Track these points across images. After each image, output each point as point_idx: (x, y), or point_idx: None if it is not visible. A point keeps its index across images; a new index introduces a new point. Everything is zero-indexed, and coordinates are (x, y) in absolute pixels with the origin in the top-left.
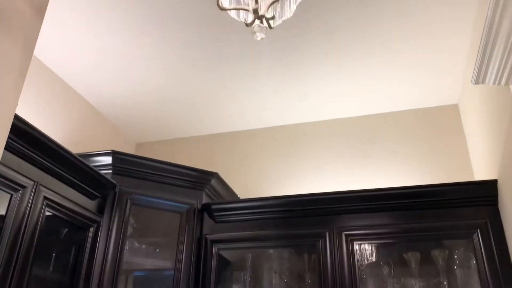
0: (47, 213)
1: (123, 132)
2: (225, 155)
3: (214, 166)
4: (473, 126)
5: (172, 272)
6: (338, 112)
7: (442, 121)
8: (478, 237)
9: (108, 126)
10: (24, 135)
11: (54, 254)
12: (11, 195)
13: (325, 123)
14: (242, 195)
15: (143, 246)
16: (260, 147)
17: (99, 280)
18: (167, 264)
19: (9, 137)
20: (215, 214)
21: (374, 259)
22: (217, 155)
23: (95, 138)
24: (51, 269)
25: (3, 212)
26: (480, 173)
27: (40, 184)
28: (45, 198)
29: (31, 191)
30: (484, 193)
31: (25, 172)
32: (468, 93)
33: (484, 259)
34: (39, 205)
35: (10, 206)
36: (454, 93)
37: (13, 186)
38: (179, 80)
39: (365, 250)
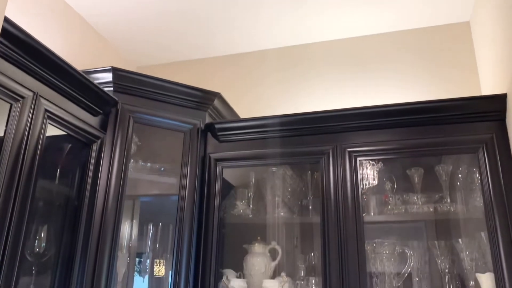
0: (49, 126)
1: (123, 55)
2: (227, 78)
3: (216, 89)
4: (484, 43)
5: (177, 195)
6: (344, 32)
7: (452, 39)
8: (483, 152)
9: (108, 48)
10: (21, 44)
11: (59, 169)
12: (11, 105)
13: (330, 43)
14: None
15: (148, 164)
16: (263, 69)
17: (105, 194)
18: (173, 183)
19: (5, 45)
20: (218, 133)
21: (377, 175)
22: (219, 79)
23: (95, 61)
24: (56, 182)
25: (3, 125)
26: (489, 90)
27: (40, 96)
28: (46, 110)
29: (31, 103)
30: (492, 107)
31: (23, 82)
32: (480, 10)
33: (488, 174)
34: (40, 118)
35: (11, 116)
36: (465, 10)
37: (12, 96)
38: None
39: (368, 167)
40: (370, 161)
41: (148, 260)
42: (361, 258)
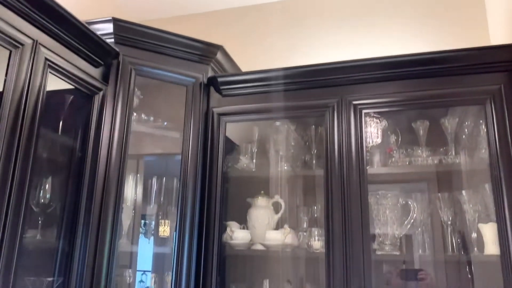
0: (50, 77)
1: (124, 9)
2: (229, 32)
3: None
4: None
5: (181, 151)
6: None
7: None
8: (490, 104)
9: (109, 1)
10: None
11: (61, 121)
12: (10, 52)
13: None
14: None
15: (151, 118)
16: (266, 23)
17: (108, 145)
18: (176, 137)
19: None
20: (221, 87)
21: (381, 133)
22: (221, 33)
23: (96, 15)
24: (59, 133)
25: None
26: (498, 42)
27: (40, 44)
28: (46, 59)
29: (31, 51)
30: (501, 57)
31: (22, 29)
32: None
33: (495, 126)
34: (40, 67)
35: (10, 64)
36: None
37: (11, 42)
38: None
39: (372, 125)
40: (375, 119)
41: (153, 222)
42: (364, 209)
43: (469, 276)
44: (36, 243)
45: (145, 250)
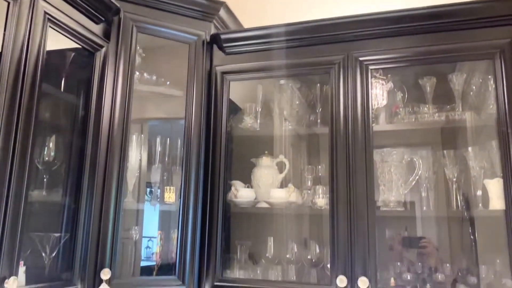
0: (50, 33)
1: None
2: None
3: None
4: None
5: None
6: None
7: None
8: (500, 58)
9: None
10: None
11: (63, 78)
12: (8, 4)
13: None
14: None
15: (153, 77)
16: None
17: (112, 103)
18: (179, 96)
19: None
20: (224, 45)
21: (387, 95)
22: None
23: None
24: (62, 89)
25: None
26: None
27: None
28: (46, 13)
29: (30, 4)
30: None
31: None
32: None
33: (504, 80)
34: (40, 21)
35: (9, 17)
36: None
37: None
38: None
39: (378, 87)
40: (380, 80)
41: (158, 190)
42: (369, 166)
43: (471, 233)
44: (42, 200)
45: (151, 217)
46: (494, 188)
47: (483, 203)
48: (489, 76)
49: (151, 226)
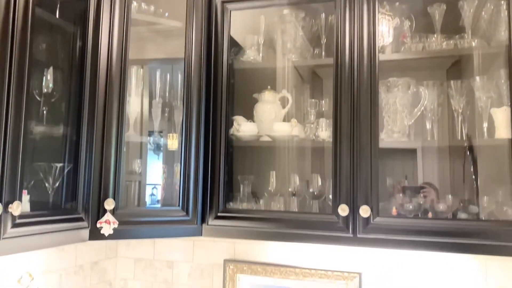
0: None
1: None
2: None
3: None
4: None
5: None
6: None
7: None
8: None
9: None
10: None
11: (58, 5)
12: None
13: None
14: None
15: (152, 8)
16: None
17: (109, 32)
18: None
19: None
20: None
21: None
22: None
23: None
24: (57, 17)
25: None
26: None
27: None
28: None
29: None
30: None
31: None
32: None
33: None
34: None
35: None
36: None
37: None
38: None
39: (384, 23)
40: (387, 16)
41: (161, 139)
42: (374, 97)
43: (474, 164)
44: (43, 132)
45: (155, 165)
46: (501, 116)
47: (489, 134)
48: (502, 2)
49: (155, 174)
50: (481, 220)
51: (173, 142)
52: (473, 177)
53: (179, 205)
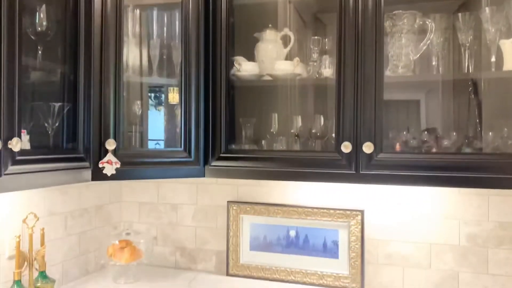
0: None
1: None
2: None
3: None
4: None
5: None
6: None
7: None
8: None
9: None
10: None
11: None
12: None
13: None
14: None
15: None
16: None
17: None
18: None
19: None
20: None
21: None
22: None
23: None
24: None
25: None
26: None
27: None
28: None
29: None
30: None
31: None
32: None
33: None
34: None
35: None
36: None
37: None
38: None
39: None
40: None
41: (163, 95)
42: (379, 31)
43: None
44: (39, 71)
45: (157, 121)
46: (510, 48)
47: (496, 67)
48: None
49: (157, 130)
50: (485, 153)
51: (173, 88)
52: (479, 112)
53: (181, 146)
